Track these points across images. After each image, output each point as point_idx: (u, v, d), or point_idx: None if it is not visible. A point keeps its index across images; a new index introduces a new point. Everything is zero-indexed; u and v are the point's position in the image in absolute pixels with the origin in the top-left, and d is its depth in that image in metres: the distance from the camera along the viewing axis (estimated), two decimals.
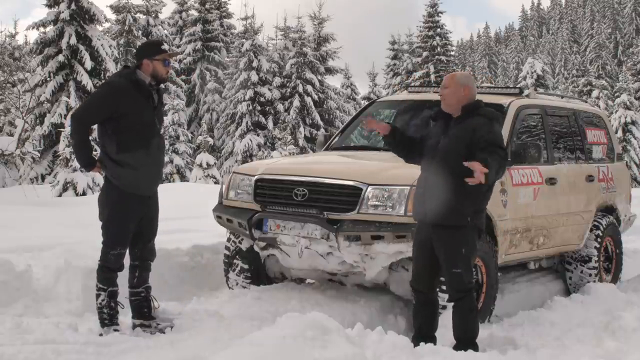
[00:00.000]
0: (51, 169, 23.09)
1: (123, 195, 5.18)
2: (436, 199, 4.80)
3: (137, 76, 5.22)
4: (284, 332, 4.42)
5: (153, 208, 5.42)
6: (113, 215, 5.22)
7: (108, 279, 5.27)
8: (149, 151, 5.21)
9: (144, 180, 5.24)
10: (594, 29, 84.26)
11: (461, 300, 4.92)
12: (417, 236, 5.05)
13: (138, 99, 5.18)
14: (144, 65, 5.24)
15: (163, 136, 5.50)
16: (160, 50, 5.31)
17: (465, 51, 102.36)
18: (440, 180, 4.79)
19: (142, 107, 5.19)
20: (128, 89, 5.15)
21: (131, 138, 5.13)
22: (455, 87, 4.92)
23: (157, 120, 5.32)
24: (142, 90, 5.20)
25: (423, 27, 39.88)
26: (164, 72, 5.28)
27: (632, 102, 36.75)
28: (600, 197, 7.74)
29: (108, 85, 5.41)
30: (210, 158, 24.17)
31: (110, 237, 5.25)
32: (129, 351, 4.78)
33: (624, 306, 6.45)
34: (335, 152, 7.17)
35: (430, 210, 4.85)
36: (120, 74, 5.37)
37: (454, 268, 4.85)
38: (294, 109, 31.68)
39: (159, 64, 5.24)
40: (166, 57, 5.30)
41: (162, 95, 5.43)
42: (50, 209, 11.25)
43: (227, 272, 6.62)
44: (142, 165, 5.18)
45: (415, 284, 5.07)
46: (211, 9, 37.00)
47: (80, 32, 24.08)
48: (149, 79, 5.23)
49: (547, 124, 7.15)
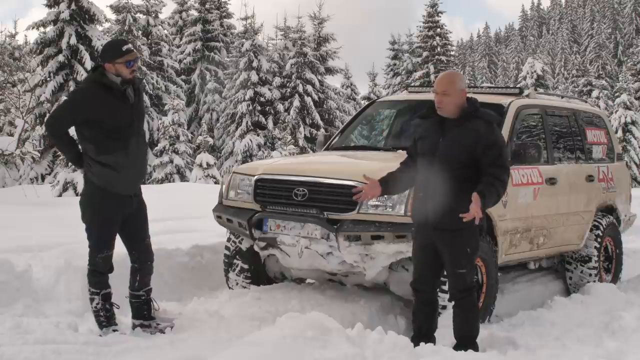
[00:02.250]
0: (51, 169, 23.11)
1: (104, 195, 5.10)
2: (438, 203, 4.76)
3: (107, 78, 5.07)
4: (284, 332, 4.43)
5: (138, 206, 5.32)
6: (95, 216, 5.16)
7: (99, 282, 5.23)
8: (127, 151, 5.09)
9: (124, 180, 5.14)
10: (594, 29, 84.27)
11: (463, 299, 4.92)
12: (418, 238, 5.03)
13: (110, 101, 5.04)
14: (107, 69, 5.08)
15: (144, 134, 5.37)
16: (120, 53, 5.09)
17: (465, 51, 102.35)
18: (441, 184, 4.74)
19: (116, 108, 5.06)
20: (98, 94, 5.03)
21: (109, 140, 5.03)
22: (455, 94, 4.81)
23: (135, 119, 5.19)
24: (114, 92, 5.07)
25: (423, 27, 39.85)
26: (128, 73, 5.08)
27: (632, 102, 36.77)
28: (600, 197, 7.74)
29: (78, 92, 5.30)
30: (210, 158, 24.18)
31: (95, 239, 5.19)
32: (129, 351, 4.78)
33: (624, 306, 6.45)
34: (335, 152, 7.16)
35: (432, 214, 4.82)
36: (90, 78, 5.23)
37: (459, 269, 4.84)
38: (294, 109, 31.69)
39: (121, 66, 5.06)
40: (128, 58, 5.09)
41: (139, 90, 5.27)
42: (50, 209, 11.24)
43: (227, 272, 6.62)
44: (122, 167, 5.09)
45: (416, 284, 5.06)
46: (211, 9, 36.98)
47: (80, 32, 24.11)
48: (119, 79, 5.07)
49: (547, 124, 7.15)
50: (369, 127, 7.89)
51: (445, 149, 4.78)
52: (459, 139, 4.76)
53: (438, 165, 4.77)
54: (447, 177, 4.73)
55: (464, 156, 4.73)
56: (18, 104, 23.64)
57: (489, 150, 4.71)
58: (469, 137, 4.75)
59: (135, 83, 5.21)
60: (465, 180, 4.71)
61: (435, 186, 4.77)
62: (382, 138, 7.59)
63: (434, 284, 5.06)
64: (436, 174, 4.77)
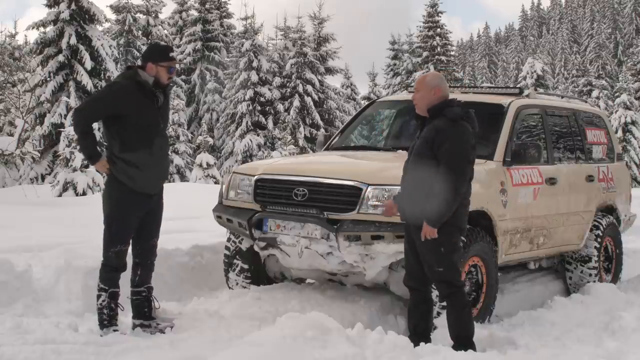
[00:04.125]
0: (51, 169, 23.08)
1: (126, 191, 5.19)
2: (410, 201, 4.87)
3: (140, 77, 5.21)
4: (284, 332, 4.43)
5: (156, 205, 5.43)
6: (115, 211, 5.23)
7: (110, 279, 5.26)
8: (151, 151, 5.22)
9: (147, 179, 5.25)
10: (594, 29, 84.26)
11: (452, 297, 4.93)
12: (406, 235, 5.11)
13: (141, 99, 5.18)
14: (147, 68, 5.23)
15: (167, 136, 5.51)
16: (167, 57, 5.28)
17: (465, 51, 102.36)
18: (412, 182, 4.88)
19: (145, 107, 5.20)
20: (131, 90, 5.16)
21: (134, 138, 5.15)
22: (425, 90, 4.94)
23: (161, 120, 5.34)
24: (145, 91, 5.21)
25: (423, 27, 39.86)
26: (166, 79, 5.26)
27: (632, 102, 36.77)
28: (600, 197, 7.74)
29: (112, 85, 5.42)
30: (210, 158, 24.17)
31: (111, 233, 5.24)
32: (129, 351, 4.78)
33: (624, 306, 6.45)
34: (335, 152, 7.16)
35: (407, 212, 4.92)
36: (124, 75, 5.36)
37: (436, 267, 4.89)
38: (294, 109, 31.69)
39: (163, 70, 5.23)
40: (172, 64, 5.28)
41: (168, 95, 5.43)
42: (50, 209, 11.25)
43: (227, 272, 6.62)
44: (145, 165, 5.20)
45: (408, 281, 5.11)
46: (211, 9, 36.99)
47: (80, 32, 24.08)
48: (152, 79, 5.22)
49: (547, 124, 7.15)
50: (369, 127, 7.90)
51: (416, 148, 4.92)
52: (423, 136, 4.89)
53: (410, 165, 4.95)
54: (417, 176, 4.83)
55: (425, 152, 4.81)
56: (18, 104, 23.62)
57: (442, 146, 4.76)
58: (429, 133, 4.85)
59: (167, 88, 5.35)
60: (432, 177, 4.74)
61: (408, 184, 4.92)
62: (382, 138, 7.60)
63: (425, 281, 5.07)
64: (410, 172, 4.93)
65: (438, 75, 5.11)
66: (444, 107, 4.89)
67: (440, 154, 4.75)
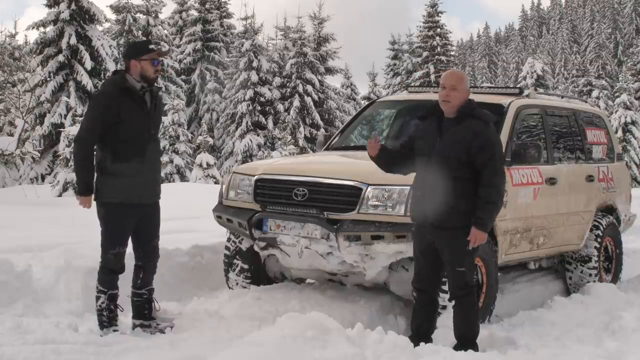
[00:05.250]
0: (51, 169, 23.09)
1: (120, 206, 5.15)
2: (437, 202, 4.80)
3: (128, 82, 5.10)
4: (284, 332, 4.43)
5: (152, 209, 5.37)
6: (109, 217, 5.20)
7: (108, 281, 5.24)
8: (144, 158, 5.15)
9: (140, 188, 5.18)
10: (594, 29, 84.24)
11: (463, 298, 4.93)
12: (417, 237, 5.05)
13: (130, 106, 5.09)
14: (131, 67, 5.12)
15: (159, 141, 5.43)
16: (147, 50, 5.15)
17: (465, 51, 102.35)
18: (440, 183, 4.79)
19: (135, 113, 5.10)
20: (118, 97, 5.06)
21: (125, 146, 5.06)
22: (463, 89, 4.91)
23: (152, 125, 5.25)
24: (134, 96, 5.11)
25: (423, 27, 39.86)
26: (152, 72, 5.13)
27: (632, 102, 36.75)
28: (600, 197, 7.74)
29: (99, 96, 5.29)
30: (210, 158, 24.15)
31: (108, 236, 5.22)
32: (129, 351, 4.78)
33: (624, 306, 6.45)
34: (335, 152, 7.17)
35: (431, 213, 4.85)
36: (109, 81, 5.26)
37: (459, 267, 4.88)
38: (294, 109, 31.68)
39: (147, 64, 5.11)
40: (154, 56, 5.15)
41: (157, 96, 5.30)
42: (50, 209, 11.25)
43: (227, 272, 6.62)
44: (138, 174, 5.13)
45: (418, 284, 5.08)
46: (211, 9, 36.96)
47: (80, 32, 24.09)
48: (140, 83, 5.11)
49: (547, 124, 7.15)
50: (369, 127, 7.90)
51: (442, 148, 4.83)
52: (455, 138, 4.83)
53: (435, 165, 4.84)
54: (444, 176, 4.78)
55: (460, 155, 4.77)
56: (18, 104, 23.63)
57: (482, 150, 4.77)
58: (464, 135, 4.81)
59: (154, 90, 5.24)
60: (462, 179, 4.76)
61: (433, 185, 4.83)
62: (382, 138, 7.59)
63: (435, 283, 5.07)
64: (433, 173, 4.83)
65: (467, 76, 5.15)
66: (474, 108, 4.90)
67: (480, 157, 4.75)
